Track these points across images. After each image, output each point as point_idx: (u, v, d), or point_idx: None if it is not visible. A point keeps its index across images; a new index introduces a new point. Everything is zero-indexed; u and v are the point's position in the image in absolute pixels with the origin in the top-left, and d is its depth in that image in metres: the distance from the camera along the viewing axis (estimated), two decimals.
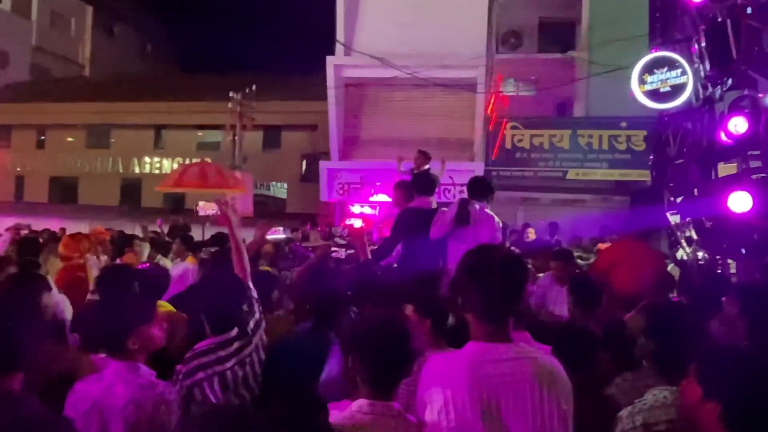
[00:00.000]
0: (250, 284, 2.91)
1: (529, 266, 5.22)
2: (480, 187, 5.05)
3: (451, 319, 2.56)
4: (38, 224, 12.50)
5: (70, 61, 28.34)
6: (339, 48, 15.38)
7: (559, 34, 16.43)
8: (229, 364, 2.59)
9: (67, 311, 3.64)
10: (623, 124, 13.76)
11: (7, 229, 7.56)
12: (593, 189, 14.56)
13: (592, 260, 6.69)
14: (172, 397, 2.22)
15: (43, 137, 22.67)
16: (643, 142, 13.33)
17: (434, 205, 5.07)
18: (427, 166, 6.70)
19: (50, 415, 1.79)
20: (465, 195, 5.18)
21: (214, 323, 2.65)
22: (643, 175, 12.54)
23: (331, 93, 15.23)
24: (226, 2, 61.47)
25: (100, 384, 2.15)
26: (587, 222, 12.20)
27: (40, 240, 6.80)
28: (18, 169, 22.38)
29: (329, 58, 15.24)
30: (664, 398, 1.96)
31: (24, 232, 7.56)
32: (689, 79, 5.77)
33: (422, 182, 5.23)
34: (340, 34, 15.30)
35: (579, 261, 6.53)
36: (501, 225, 5.10)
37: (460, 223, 4.65)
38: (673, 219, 6.18)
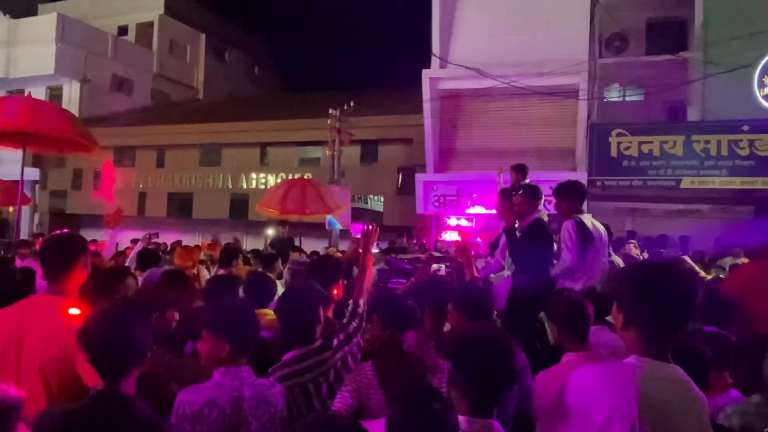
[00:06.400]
0: (361, 302, 2.93)
1: None
2: (582, 195, 4.75)
3: None
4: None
5: (185, 85, 30.66)
6: (435, 61, 15.44)
7: (669, 35, 15.42)
8: (308, 376, 2.60)
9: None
10: (745, 128, 12.61)
11: (139, 240, 8.12)
12: (711, 198, 13.45)
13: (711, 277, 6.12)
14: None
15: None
16: None
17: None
18: (526, 181, 6.47)
19: (155, 418, 1.89)
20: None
21: (293, 334, 2.71)
22: None
23: (426, 106, 15.30)
24: (326, 24, 63.92)
25: (224, 390, 2.19)
26: (704, 234, 11.33)
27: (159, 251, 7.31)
28: (141, 186, 24.42)
29: (425, 72, 15.34)
30: None
31: (155, 240, 7.97)
32: None
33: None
34: (435, 47, 15.36)
35: None
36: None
37: (586, 243, 4.42)
38: None
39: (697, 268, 5.97)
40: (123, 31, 29.32)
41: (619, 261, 5.64)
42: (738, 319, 3.25)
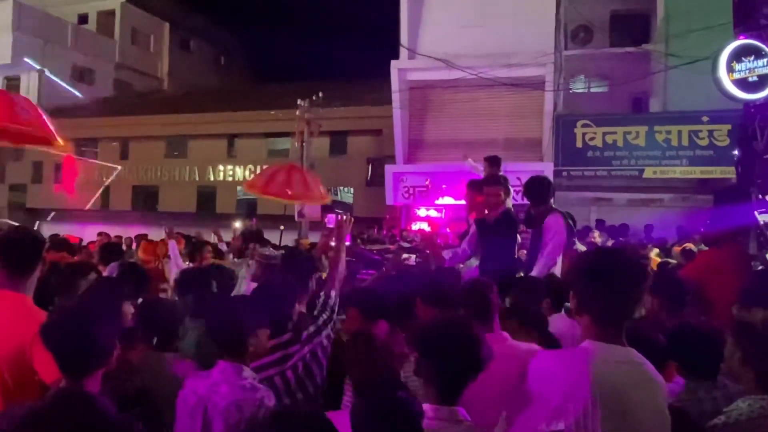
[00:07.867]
0: (333, 293, 2.93)
1: None
2: (553, 189, 4.88)
3: None
4: (123, 231, 13.27)
5: (149, 75, 29.97)
6: (403, 52, 15.43)
7: (632, 27, 15.74)
8: (275, 369, 2.59)
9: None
10: (704, 119, 12.98)
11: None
12: (672, 188, 13.83)
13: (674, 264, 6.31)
14: (271, 402, 2.23)
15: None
16: (727, 137, 12.53)
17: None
18: (501, 172, 6.53)
19: (119, 417, 1.85)
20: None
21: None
22: (727, 172, 11.79)
23: (395, 97, 15.29)
24: (294, 15, 63.26)
25: (207, 381, 2.22)
26: (666, 222, 11.61)
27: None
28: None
29: (394, 63, 15.32)
30: (761, 408, 1.83)
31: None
32: None
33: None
34: (404, 38, 15.35)
35: None
36: None
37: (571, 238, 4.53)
38: (762, 218, 5.76)
39: (651, 254, 6.14)
40: (83, 19, 28.47)
41: (583, 250, 5.75)
42: (695, 305, 3.34)
